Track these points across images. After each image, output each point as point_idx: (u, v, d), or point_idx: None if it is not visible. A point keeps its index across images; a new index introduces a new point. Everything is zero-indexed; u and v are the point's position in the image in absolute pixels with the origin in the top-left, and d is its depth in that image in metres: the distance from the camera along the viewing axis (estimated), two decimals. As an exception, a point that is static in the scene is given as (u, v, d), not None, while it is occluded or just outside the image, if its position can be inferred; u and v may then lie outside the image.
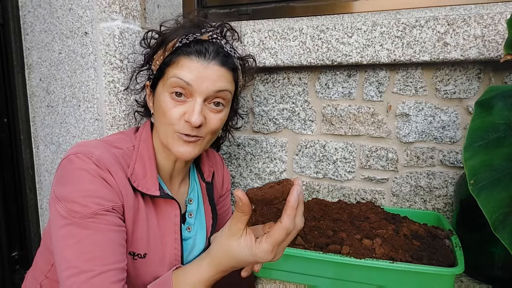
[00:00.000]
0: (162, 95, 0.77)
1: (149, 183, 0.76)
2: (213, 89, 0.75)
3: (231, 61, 0.79)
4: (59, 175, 0.69)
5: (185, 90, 0.74)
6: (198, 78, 0.73)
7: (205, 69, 0.74)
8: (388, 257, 0.82)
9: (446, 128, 1.12)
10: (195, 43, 0.76)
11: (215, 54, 0.75)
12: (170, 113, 0.75)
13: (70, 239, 0.63)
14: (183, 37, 0.76)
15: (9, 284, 1.20)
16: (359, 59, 1.10)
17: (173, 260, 0.81)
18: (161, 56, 0.79)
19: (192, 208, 0.90)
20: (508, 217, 0.61)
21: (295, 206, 0.57)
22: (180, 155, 0.77)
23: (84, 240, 0.63)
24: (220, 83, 0.76)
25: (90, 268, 0.62)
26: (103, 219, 0.65)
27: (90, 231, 0.64)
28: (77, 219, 0.64)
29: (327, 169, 1.26)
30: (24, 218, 1.24)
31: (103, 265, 0.63)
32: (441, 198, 1.16)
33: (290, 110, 1.27)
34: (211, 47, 0.76)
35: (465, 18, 1.00)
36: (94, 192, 0.66)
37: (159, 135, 0.79)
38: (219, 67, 0.76)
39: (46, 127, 1.19)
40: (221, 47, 0.78)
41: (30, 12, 1.14)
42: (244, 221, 0.59)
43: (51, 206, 0.68)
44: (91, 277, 0.61)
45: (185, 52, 0.75)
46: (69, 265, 0.62)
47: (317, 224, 0.96)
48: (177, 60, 0.75)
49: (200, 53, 0.75)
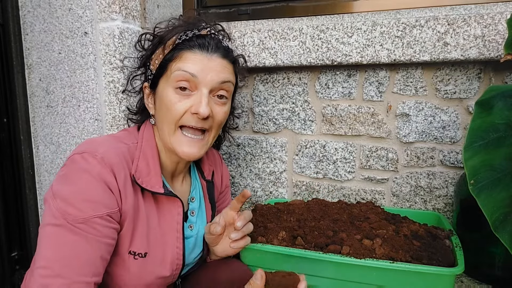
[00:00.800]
0: (166, 91, 0.77)
1: (153, 180, 0.76)
2: (217, 80, 0.76)
3: (231, 54, 0.81)
4: (62, 173, 0.69)
5: (190, 83, 0.75)
6: (203, 70, 0.75)
7: (208, 61, 0.76)
8: (388, 257, 0.82)
9: (446, 128, 1.12)
10: (196, 38, 0.77)
11: (216, 47, 0.77)
12: (175, 107, 0.75)
13: (55, 239, 0.64)
14: (182, 34, 0.78)
15: (9, 284, 1.20)
16: (359, 59, 1.10)
17: (175, 259, 0.81)
18: (161, 54, 0.79)
19: (194, 206, 0.90)
20: (508, 217, 0.61)
21: None
22: (185, 156, 0.77)
23: (69, 245, 0.63)
24: (224, 74, 0.78)
25: (67, 275, 0.62)
26: (93, 227, 0.65)
27: (77, 237, 0.64)
28: (67, 222, 0.64)
29: (327, 169, 1.26)
30: (24, 218, 1.24)
31: (79, 275, 0.63)
32: (441, 198, 1.15)
33: (290, 110, 1.27)
34: (211, 41, 0.78)
35: (465, 18, 1.00)
36: (93, 197, 0.66)
37: (162, 136, 0.79)
38: (221, 59, 0.78)
39: (46, 127, 1.19)
40: (220, 41, 0.80)
41: (29, 12, 1.14)
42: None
43: (46, 200, 0.68)
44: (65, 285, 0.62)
45: (187, 46, 0.76)
46: (47, 264, 0.62)
47: (317, 224, 0.96)
48: (180, 55, 0.76)
49: (203, 46, 0.76)
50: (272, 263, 0.86)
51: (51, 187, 0.68)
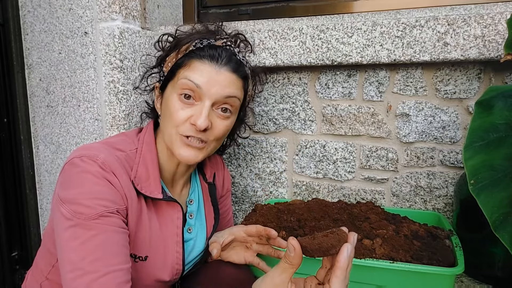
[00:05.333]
0: (171, 97, 0.77)
1: (152, 185, 0.76)
2: (222, 94, 0.75)
3: (242, 69, 0.79)
4: (63, 179, 0.68)
5: (194, 93, 0.74)
6: (209, 82, 0.74)
7: (216, 73, 0.74)
8: (388, 257, 0.82)
9: (446, 128, 1.12)
10: (208, 48, 0.76)
11: (227, 60, 0.76)
12: (177, 114, 0.75)
13: (74, 240, 0.63)
14: (197, 42, 0.77)
15: (9, 284, 1.20)
16: (359, 59, 1.10)
17: (175, 264, 0.81)
18: (174, 58, 0.79)
19: (192, 209, 0.90)
20: (509, 217, 0.61)
21: (345, 267, 0.53)
22: (182, 158, 0.77)
23: (89, 241, 0.63)
24: (230, 89, 0.76)
25: (95, 269, 0.61)
26: (107, 220, 0.65)
27: (95, 232, 0.63)
28: (82, 221, 0.63)
29: (327, 169, 1.26)
30: (24, 218, 1.24)
31: (108, 266, 0.62)
32: (441, 198, 1.15)
33: (290, 110, 1.27)
34: (224, 53, 0.76)
35: (465, 18, 1.00)
36: (100, 194, 0.65)
37: (164, 137, 0.79)
38: (230, 73, 0.76)
39: (46, 127, 1.19)
40: (234, 54, 0.78)
41: (30, 12, 1.14)
42: (291, 274, 0.56)
43: (54, 209, 0.67)
44: (96, 278, 0.61)
45: (198, 55, 0.75)
46: (73, 267, 0.61)
47: (317, 224, 0.96)
48: (189, 63, 0.75)
49: (213, 57, 0.75)
50: (272, 263, 0.86)
51: (56, 195, 0.68)
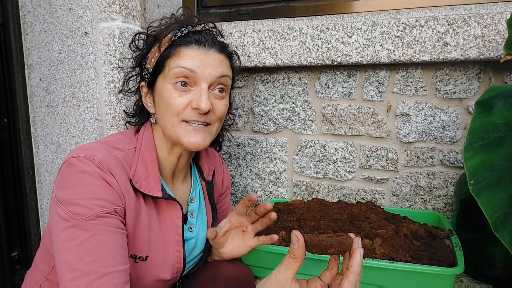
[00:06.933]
0: (165, 88, 0.77)
1: (151, 184, 0.76)
2: (216, 75, 0.77)
3: (226, 49, 0.82)
4: (60, 179, 0.68)
5: (189, 79, 0.75)
6: (201, 65, 0.75)
7: (206, 56, 0.76)
8: (388, 257, 0.82)
9: (446, 128, 1.12)
10: (192, 34, 0.78)
11: (212, 42, 0.78)
12: (175, 101, 0.75)
13: (71, 241, 0.62)
14: (178, 31, 0.78)
15: (9, 284, 1.20)
16: (359, 59, 1.10)
17: (175, 262, 0.81)
18: (157, 53, 0.79)
19: (193, 207, 0.90)
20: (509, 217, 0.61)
21: (358, 272, 0.53)
22: (191, 145, 0.77)
23: (86, 242, 0.62)
24: (222, 68, 0.78)
25: (93, 270, 0.61)
26: (105, 221, 0.64)
27: (92, 232, 0.63)
28: (79, 221, 0.63)
29: (327, 169, 1.26)
30: (24, 218, 1.24)
31: (105, 267, 0.62)
32: (441, 198, 1.16)
33: (290, 110, 1.27)
34: (208, 36, 0.78)
35: (465, 18, 1.00)
36: (97, 194, 0.65)
37: (166, 131, 0.79)
38: (218, 53, 0.78)
39: (46, 127, 1.19)
40: (215, 37, 0.81)
41: (30, 12, 1.14)
42: (295, 269, 0.55)
43: (51, 210, 0.66)
44: (94, 280, 0.60)
45: (184, 42, 0.77)
46: (71, 268, 0.61)
47: (317, 224, 0.96)
48: (177, 51, 0.76)
49: (200, 41, 0.77)
50: (272, 262, 0.86)
51: (53, 195, 0.67)
